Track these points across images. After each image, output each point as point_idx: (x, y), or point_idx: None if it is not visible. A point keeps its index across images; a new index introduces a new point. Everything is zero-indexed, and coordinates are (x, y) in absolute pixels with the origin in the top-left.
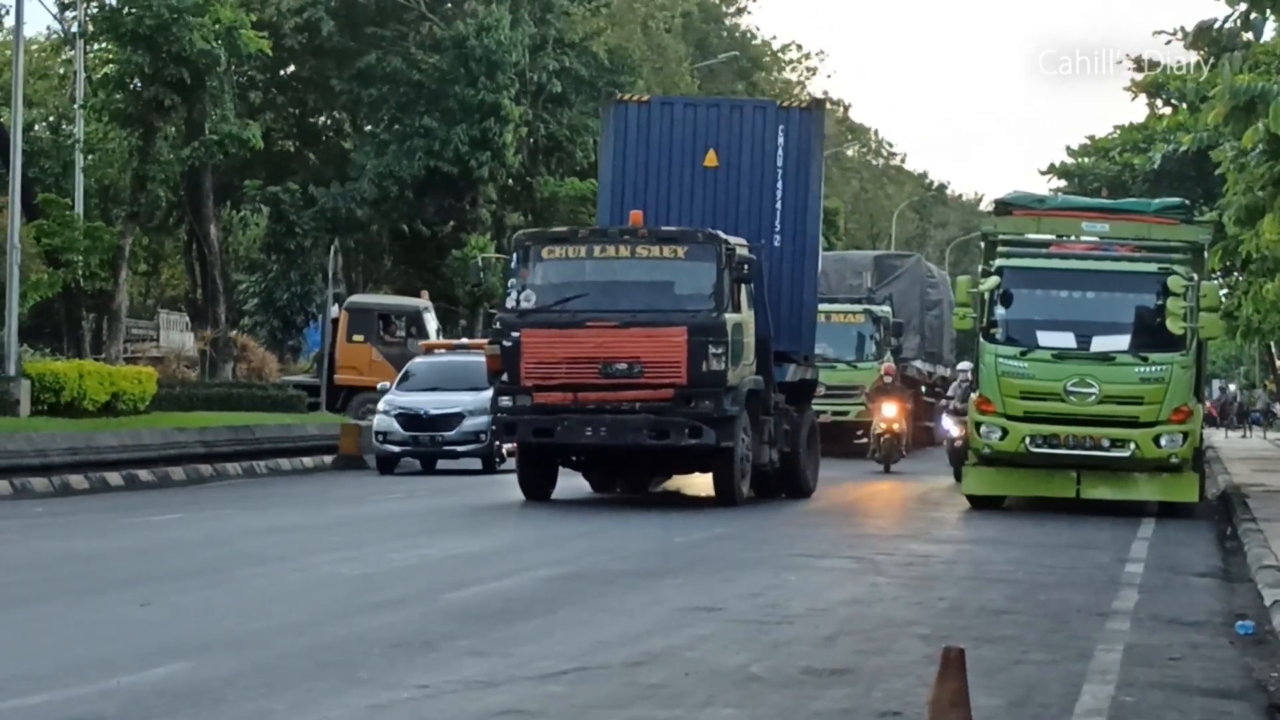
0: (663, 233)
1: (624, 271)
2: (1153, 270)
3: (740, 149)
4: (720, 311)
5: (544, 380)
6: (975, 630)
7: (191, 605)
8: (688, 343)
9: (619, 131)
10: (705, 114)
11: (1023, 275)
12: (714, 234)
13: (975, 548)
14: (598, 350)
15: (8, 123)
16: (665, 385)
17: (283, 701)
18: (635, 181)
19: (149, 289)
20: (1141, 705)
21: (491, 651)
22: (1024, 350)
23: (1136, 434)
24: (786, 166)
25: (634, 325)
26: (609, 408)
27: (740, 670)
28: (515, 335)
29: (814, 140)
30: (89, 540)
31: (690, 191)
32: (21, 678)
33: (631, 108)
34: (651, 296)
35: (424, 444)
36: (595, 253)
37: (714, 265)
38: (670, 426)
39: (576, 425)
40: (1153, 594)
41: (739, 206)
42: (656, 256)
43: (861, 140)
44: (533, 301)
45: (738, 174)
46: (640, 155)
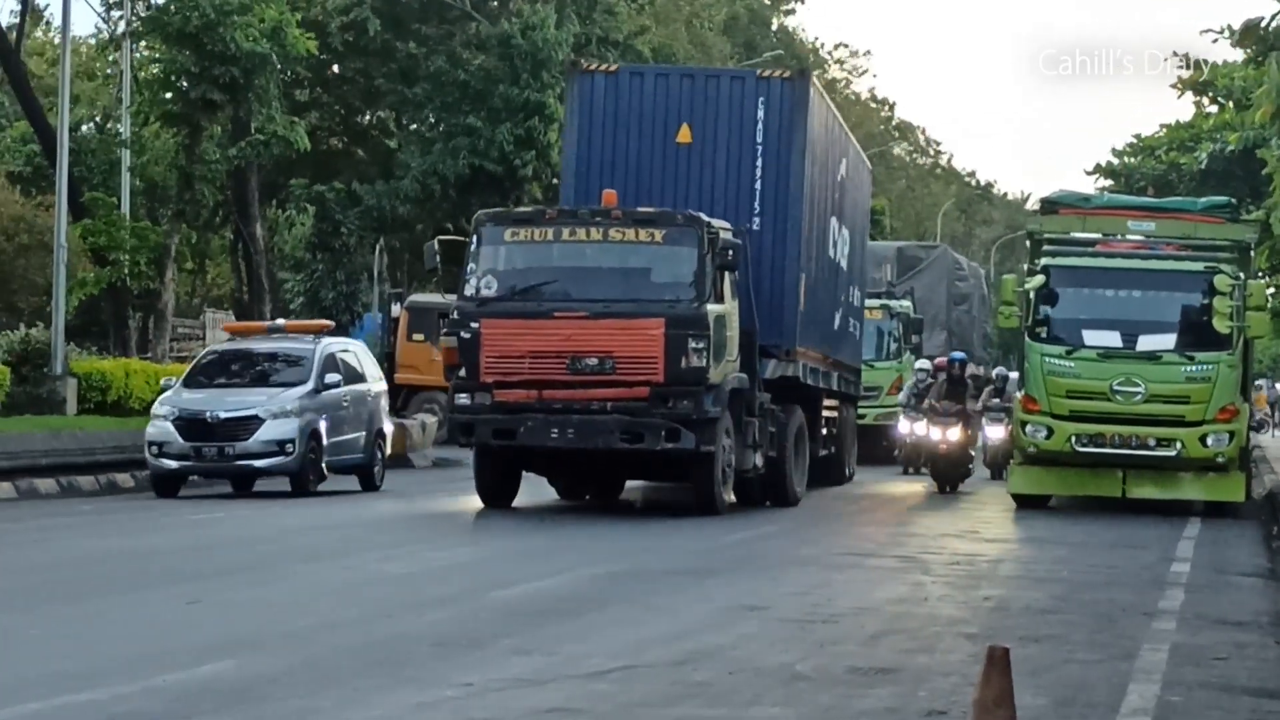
0: (638, 214)
1: (595, 257)
2: (1199, 269)
3: (716, 123)
4: (701, 302)
5: (506, 376)
6: (1021, 629)
7: (238, 602)
8: (665, 336)
9: (584, 104)
10: (678, 85)
11: (1068, 274)
12: (695, 216)
13: (1021, 547)
14: (565, 343)
15: (55, 122)
16: (640, 383)
17: (328, 699)
18: (602, 159)
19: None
20: (1187, 705)
21: (537, 649)
22: (1070, 349)
23: (1183, 433)
24: (767, 142)
25: (606, 316)
26: (577, 407)
27: (785, 669)
28: (474, 326)
29: (797, 113)
30: (136, 537)
31: (661, 170)
32: (68, 675)
33: (598, 78)
34: (625, 285)
35: (209, 458)
36: (564, 235)
37: (695, 250)
38: (645, 428)
39: (541, 426)
40: (1199, 593)
41: (715, 186)
42: (631, 240)
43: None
44: (494, 289)
45: (713, 150)
46: (608, 130)
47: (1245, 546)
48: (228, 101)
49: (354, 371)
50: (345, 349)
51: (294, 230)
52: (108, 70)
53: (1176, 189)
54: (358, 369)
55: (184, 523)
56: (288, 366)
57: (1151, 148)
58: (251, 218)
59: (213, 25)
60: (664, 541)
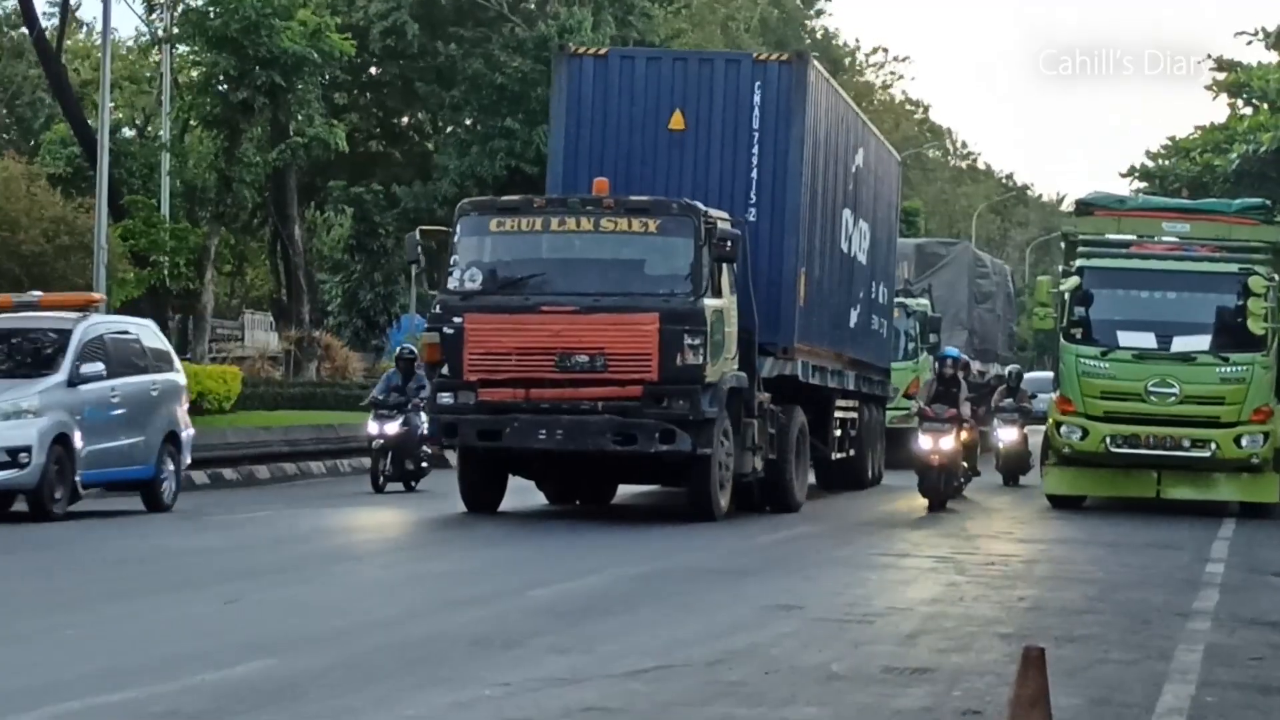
0: (632, 203)
1: (586, 248)
2: (1233, 270)
3: (711, 109)
4: (698, 296)
5: (491, 374)
6: (1056, 629)
7: (276, 602)
8: (660, 332)
9: (573, 89)
10: (671, 69)
11: (1103, 275)
12: (691, 205)
13: (1055, 547)
14: (554, 340)
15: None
16: (633, 381)
17: (365, 698)
18: (591, 147)
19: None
20: (1223, 705)
21: (573, 648)
22: (1104, 350)
23: (1217, 434)
24: (764, 128)
25: (597, 311)
26: (566, 407)
27: (821, 669)
28: (457, 321)
29: (795, 98)
30: (176, 538)
31: (654, 158)
32: (105, 673)
33: (587, 61)
34: (618, 277)
35: None
36: (552, 225)
37: (691, 241)
38: (638, 430)
39: (528, 427)
40: (1233, 594)
41: (709, 175)
42: (624, 231)
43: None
44: (478, 281)
45: (708, 138)
46: (597, 117)
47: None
48: (267, 104)
49: (132, 360)
50: (122, 330)
51: (332, 232)
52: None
53: (1211, 190)
54: (139, 357)
55: (222, 523)
56: (39, 352)
57: (1186, 149)
58: (290, 219)
59: (253, 28)
60: (694, 541)
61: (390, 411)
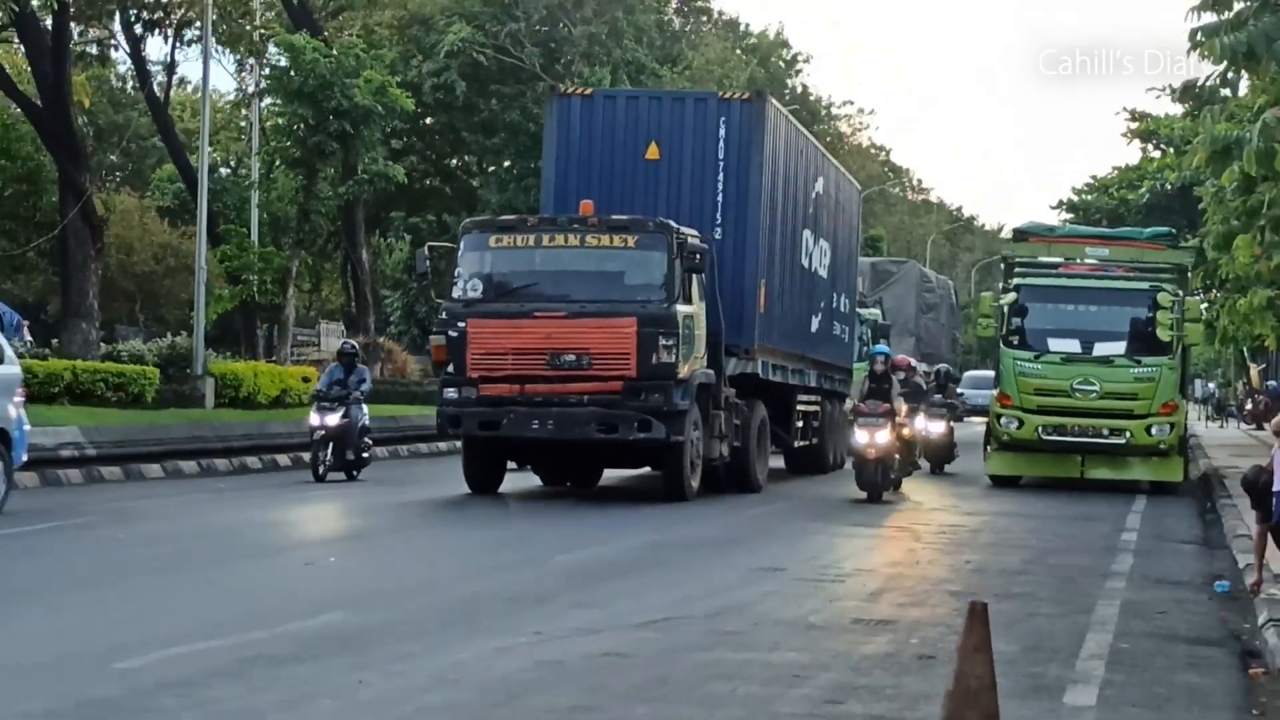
0: (613, 221)
1: (573, 261)
2: (1145, 288)
3: (682, 141)
4: (671, 302)
5: (490, 372)
6: (997, 588)
7: (346, 565)
8: (637, 334)
9: (562, 125)
10: (647, 106)
11: (1036, 291)
12: (665, 223)
13: (996, 519)
14: (545, 341)
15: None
16: (614, 377)
17: (420, 645)
18: (579, 175)
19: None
20: (1135, 651)
21: (593, 604)
22: (1037, 354)
23: (1131, 424)
24: (728, 158)
25: (583, 316)
26: (556, 400)
27: (801, 620)
28: (461, 325)
29: (755, 131)
30: (263, 511)
31: (632, 184)
32: (208, 624)
33: (574, 100)
34: (601, 287)
35: None
36: (544, 241)
37: (665, 255)
38: (619, 420)
39: (523, 418)
40: (1145, 558)
41: (681, 199)
42: (606, 246)
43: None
44: (479, 291)
45: (679, 166)
46: (583, 148)
47: (1183, 519)
48: (339, 148)
49: None
50: None
51: (393, 255)
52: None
53: (1126, 221)
54: None
55: (302, 499)
56: None
57: (1105, 186)
58: (358, 244)
59: (328, 85)
60: (690, 516)
61: (332, 404)
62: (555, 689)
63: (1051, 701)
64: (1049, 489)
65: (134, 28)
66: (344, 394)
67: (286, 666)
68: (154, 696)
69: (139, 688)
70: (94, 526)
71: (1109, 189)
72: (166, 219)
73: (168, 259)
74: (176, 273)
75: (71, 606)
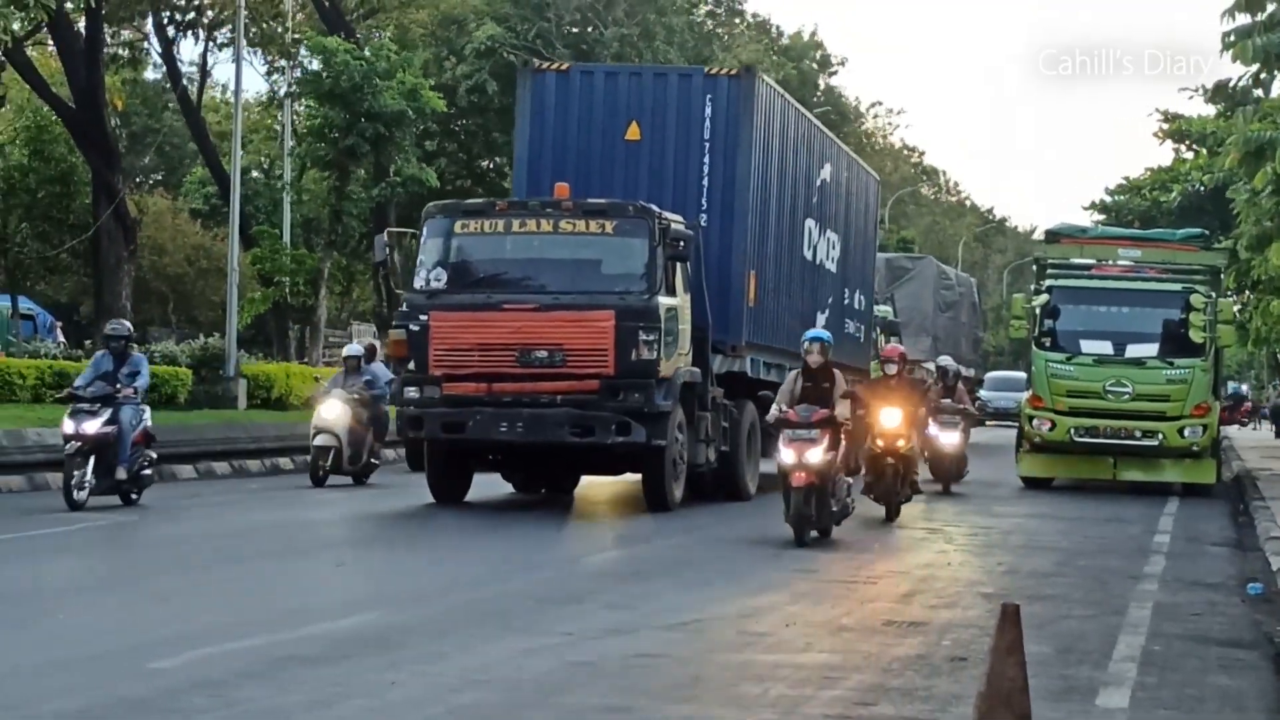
0: (589, 205)
1: (546, 248)
2: (1177, 289)
3: (665, 120)
4: (652, 294)
5: (455, 369)
6: (1029, 589)
7: (377, 566)
8: (615, 328)
9: (536, 103)
10: (628, 83)
11: (1069, 293)
12: (646, 207)
13: (1028, 521)
14: (515, 336)
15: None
16: (590, 376)
17: (450, 645)
18: (553, 157)
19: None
20: (1168, 654)
21: (624, 605)
22: (1069, 356)
23: (1164, 426)
24: (714, 138)
25: (556, 308)
26: (527, 400)
27: (833, 622)
28: (423, 318)
29: (743, 110)
30: (295, 511)
31: (611, 167)
32: (239, 624)
33: (549, 76)
34: (576, 276)
35: None
36: (514, 227)
37: (646, 242)
38: (595, 422)
39: (490, 420)
40: (1177, 560)
41: (663, 183)
42: (582, 232)
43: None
44: (443, 281)
45: (662, 148)
46: (558, 128)
47: (1216, 521)
48: (371, 150)
49: None
50: None
51: None
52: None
53: (1158, 222)
54: None
55: (334, 499)
56: None
57: (1137, 187)
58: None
59: (360, 87)
60: (722, 517)
61: (92, 406)
62: (586, 689)
63: (1084, 703)
64: (1081, 491)
65: (166, 30)
66: (109, 393)
67: (317, 667)
68: (186, 696)
69: (171, 687)
70: (126, 527)
71: (1141, 190)
72: (199, 221)
73: (200, 261)
74: (209, 274)
75: (103, 606)
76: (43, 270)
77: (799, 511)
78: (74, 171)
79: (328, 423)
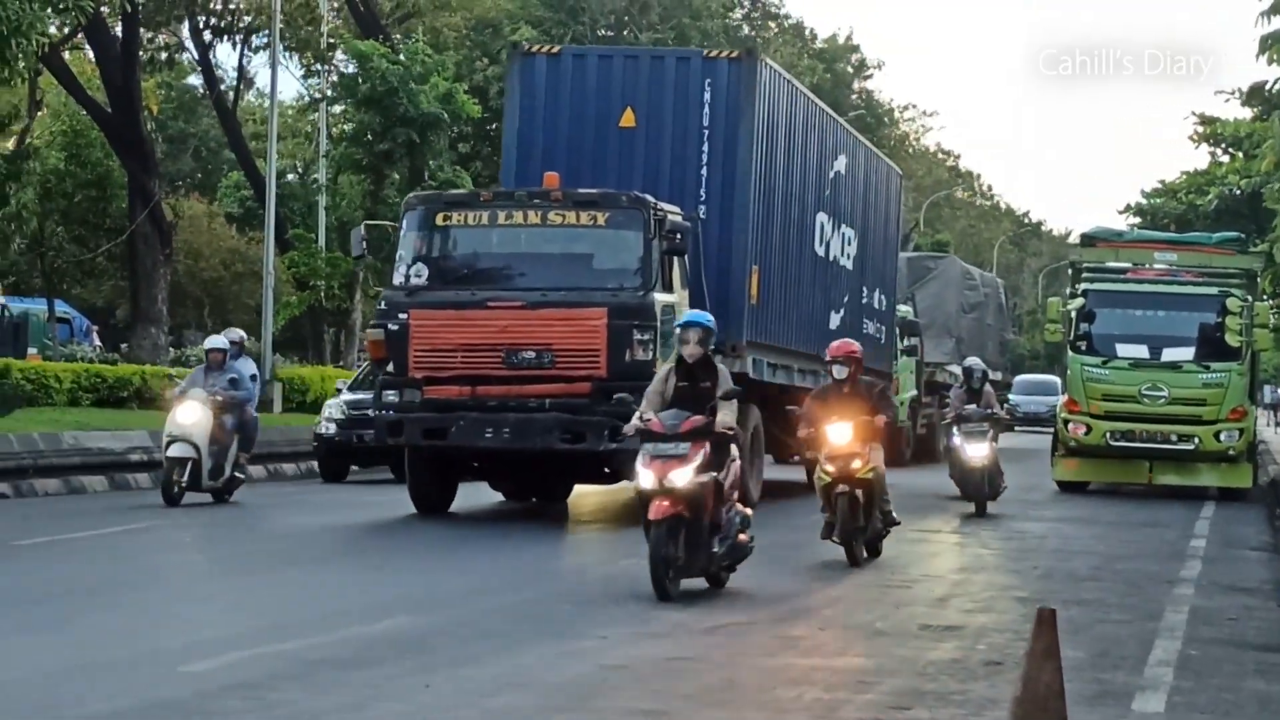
0: (580, 196)
1: (534, 242)
2: (1214, 293)
3: (661, 107)
4: (648, 290)
5: (437, 371)
6: (1064, 594)
7: (412, 569)
8: (608, 327)
9: (526, 88)
10: (622, 67)
11: (1104, 297)
12: (641, 198)
13: (1063, 525)
14: (501, 335)
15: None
16: (581, 378)
17: (486, 647)
18: (543, 145)
19: None
20: (1204, 658)
21: (661, 608)
22: (1105, 360)
23: (1200, 430)
24: (714, 126)
25: (544, 306)
26: (514, 404)
27: (868, 626)
28: (402, 317)
29: (745, 95)
30: (332, 515)
31: (604, 156)
32: (273, 627)
33: (540, 60)
34: (566, 272)
35: None
36: (499, 219)
37: (640, 234)
38: (587, 427)
39: (475, 425)
40: (1213, 565)
41: (660, 173)
42: (572, 224)
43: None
44: (424, 277)
45: (658, 135)
46: (549, 115)
47: (1252, 525)
48: (406, 154)
49: None
50: None
51: None
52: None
53: (1194, 226)
54: None
55: (371, 504)
56: None
57: (1173, 190)
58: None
59: (395, 91)
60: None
61: None
62: (621, 693)
63: (1119, 708)
64: (1116, 495)
65: (202, 34)
66: None
67: (351, 670)
68: (219, 699)
69: (205, 690)
70: (161, 530)
71: (1177, 193)
72: (234, 225)
73: (236, 264)
74: (244, 278)
75: (138, 609)
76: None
77: (658, 553)
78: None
79: (184, 429)
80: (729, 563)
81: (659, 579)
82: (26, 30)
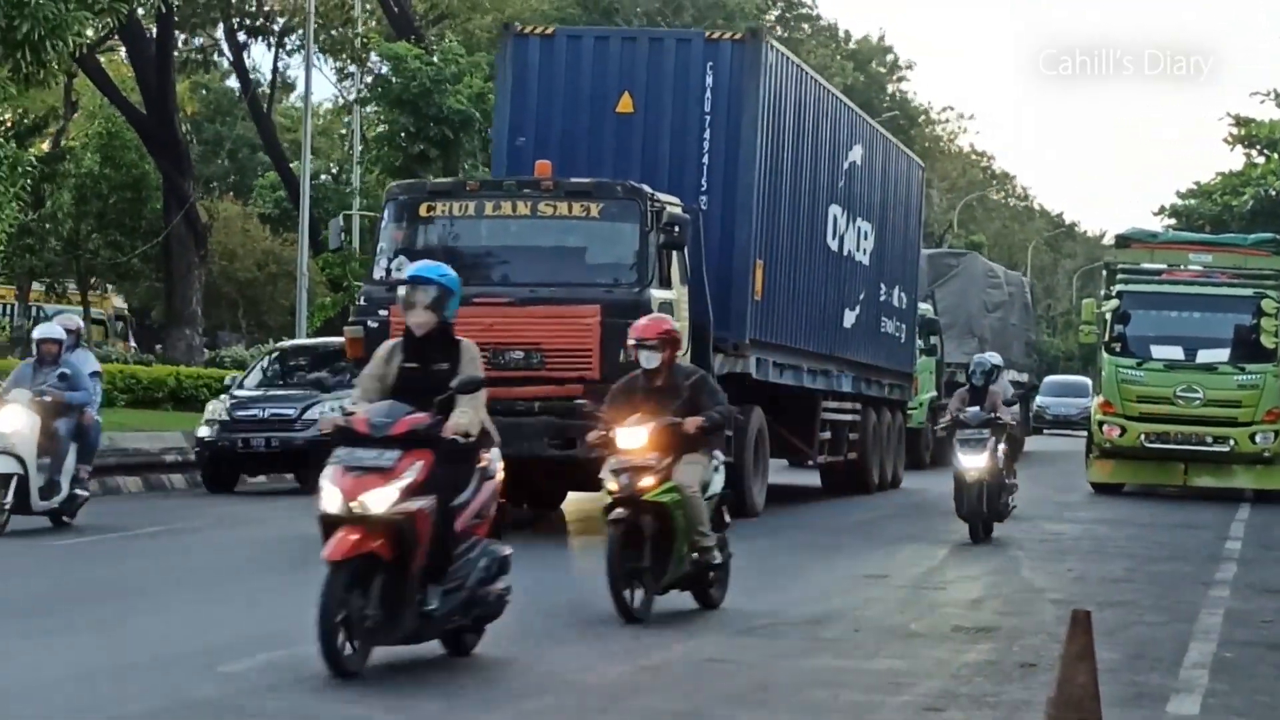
0: (572, 185)
1: (523, 234)
2: (1249, 294)
3: (660, 91)
4: (643, 286)
5: None
6: (1099, 596)
7: None
8: (601, 325)
9: (518, 71)
10: (619, 49)
11: (1139, 298)
12: (637, 188)
13: (1098, 526)
14: (487, 334)
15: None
16: (573, 379)
17: (523, 649)
18: (536, 132)
19: None
20: (1239, 661)
21: (696, 609)
22: (1140, 361)
23: (1235, 432)
24: (715, 111)
25: (533, 303)
26: (500, 408)
27: (902, 628)
28: (382, 314)
29: (749, 78)
30: None
31: (600, 143)
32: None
33: (533, 41)
34: (557, 266)
35: None
36: (486, 210)
37: (636, 227)
38: (578, 432)
39: None
40: (1249, 566)
41: (659, 161)
42: (564, 215)
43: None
44: (405, 271)
45: (657, 121)
46: (542, 99)
47: None
48: (439, 155)
49: None
50: None
51: None
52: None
53: (1229, 227)
54: None
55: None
56: None
57: (1208, 192)
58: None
59: (428, 92)
60: (789, 520)
61: None
62: (655, 694)
63: (1154, 710)
64: (1151, 496)
65: (237, 36)
66: None
67: (386, 671)
68: (255, 699)
69: (241, 690)
70: (196, 530)
71: (1212, 195)
72: (268, 226)
73: (270, 266)
74: (279, 279)
75: (174, 609)
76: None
77: (329, 611)
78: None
79: (4, 440)
80: (466, 621)
81: (329, 649)
82: (62, 32)
